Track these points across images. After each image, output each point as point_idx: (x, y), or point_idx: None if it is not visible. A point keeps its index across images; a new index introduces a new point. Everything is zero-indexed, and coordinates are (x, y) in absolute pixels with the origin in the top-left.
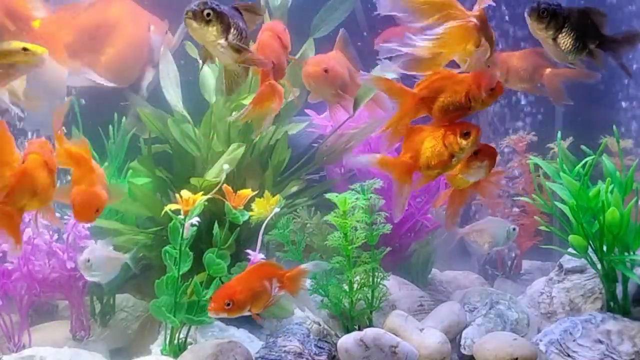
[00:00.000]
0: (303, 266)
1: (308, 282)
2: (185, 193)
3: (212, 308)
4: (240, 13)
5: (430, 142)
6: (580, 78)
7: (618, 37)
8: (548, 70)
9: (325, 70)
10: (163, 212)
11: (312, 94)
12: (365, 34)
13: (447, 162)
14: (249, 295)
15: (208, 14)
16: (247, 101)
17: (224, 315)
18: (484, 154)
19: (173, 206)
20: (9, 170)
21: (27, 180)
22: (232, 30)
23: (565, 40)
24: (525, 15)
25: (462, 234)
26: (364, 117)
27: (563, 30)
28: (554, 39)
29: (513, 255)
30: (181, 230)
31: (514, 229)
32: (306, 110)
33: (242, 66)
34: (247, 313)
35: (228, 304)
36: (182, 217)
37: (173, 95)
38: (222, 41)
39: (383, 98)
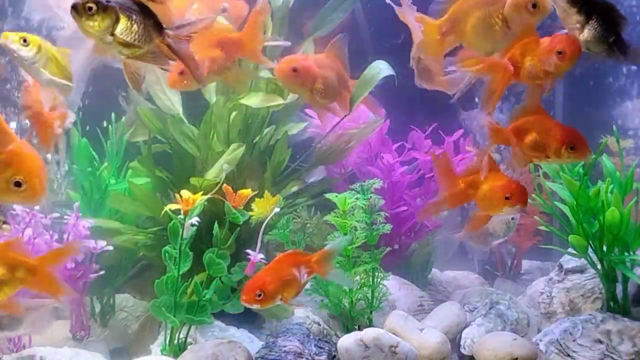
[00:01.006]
0: (328, 247)
1: (308, 282)
2: (185, 193)
3: (245, 300)
4: (142, 5)
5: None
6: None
7: (630, 44)
8: None
9: (294, 70)
10: (163, 212)
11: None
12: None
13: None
14: (279, 284)
15: (90, 8)
16: (245, 100)
17: (257, 306)
18: (516, 198)
19: (173, 206)
20: None
21: None
22: (121, 23)
23: (593, 28)
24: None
25: (461, 239)
26: (364, 117)
27: (593, 18)
28: (582, 26)
29: (513, 252)
30: (181, 230)
31: (512, 219)
32: (307, 111)
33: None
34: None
35: (259, 295)
36: (181, 217)
37: (165, 99)
38: (107, 36)
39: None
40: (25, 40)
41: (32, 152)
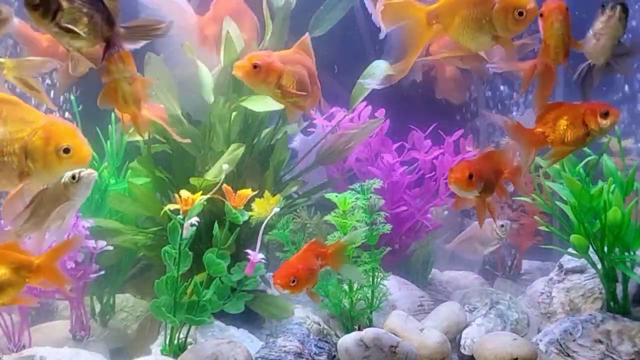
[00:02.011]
0: (343, 240)
1: None
2: (184, 193)
3: (279, 284)
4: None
5: (568, 119)
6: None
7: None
8: None
9: (255, 66)
10: (162, 212)
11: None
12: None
13: (582, 140)
14: (309, 273)
15: None
16: (246, 102)
17: (288, 291)
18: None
19: (172, 206)
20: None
21: None
22: (62, 10)
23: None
24: (607, 8)
25: (452, 248)
26: (364, 117)
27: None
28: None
29: (513, 252)
30: (180, 230)
31: (502, 226)
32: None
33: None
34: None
35: (293, 281)
36: (180, 217)
37: (164, 99)
38: (50, 24)
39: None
40: None
41: (62, 120)
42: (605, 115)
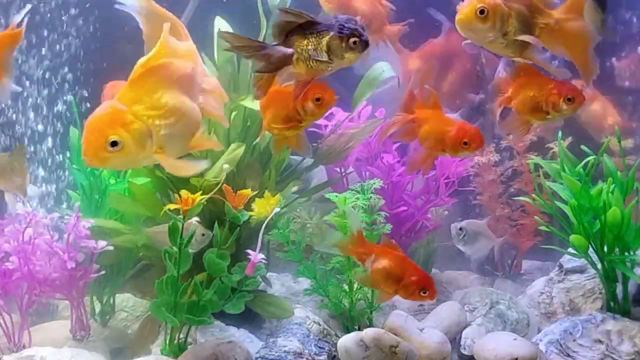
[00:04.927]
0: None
1: (308, 282)
2: (184, 193)
3: (431, 296)
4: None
5: (535, 90)
6: None
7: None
8: None
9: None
10: (163, 212)
11: None
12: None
13: (539, 116)
14: None
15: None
16: (245, 101)
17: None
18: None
19: (172, 206)
20: None
21: None
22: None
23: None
24: None
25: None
26: (364, 117)
27: None
28: None
29: (513, 252)
30: (181, 230)
31: (460, 229)
32: None
33: None
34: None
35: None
36: (181, 217)
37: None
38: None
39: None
40: None
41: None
42: (569, 100)
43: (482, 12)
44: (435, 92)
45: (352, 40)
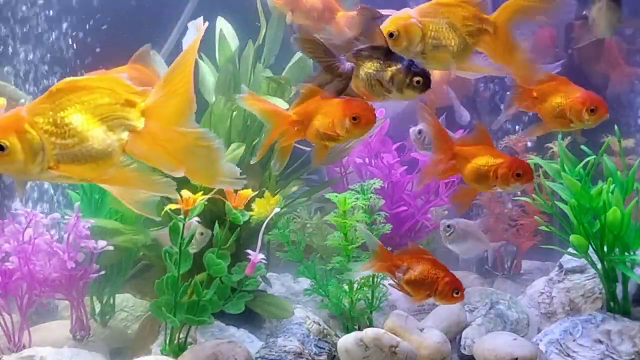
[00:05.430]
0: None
1: (308, 282)
2: (185, 193)
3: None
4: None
5: (562, 98)
6: None
7: None
8: None
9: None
10: (163, 212)
11: None
12: None
13: (563, 124)
14: None
15: None
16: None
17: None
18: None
19: (173, 206)
20: None
21: None
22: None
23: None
24: None
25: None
26: None
27: None
28: None
29: (513, 252)
30: (181, 230)
31: (448, 226)
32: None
33: None
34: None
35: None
36: (181, 216)
37: None
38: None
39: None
40: None
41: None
42: (591, 111)
43: (391, 35)
44: (485, 128)
45: (416, 78)
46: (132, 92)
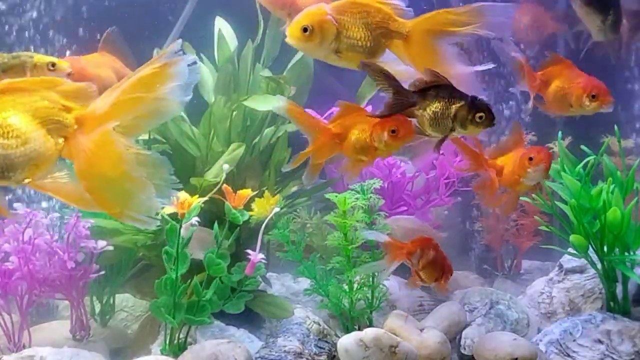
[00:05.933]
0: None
1: (308, 282)
2: (181, 195)
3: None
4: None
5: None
6: None
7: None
8: None
9: (69, 75)
10: (159, 215)
11: None
12: None
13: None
14: None
15: None
16: (247, 101)
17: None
18: (538, 158)
19: (168, 209)
20: None
21: None
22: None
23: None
24: None
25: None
26: None
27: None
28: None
29: (513, 252)
30: (179, 231)
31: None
32: (307, 110)
33: None
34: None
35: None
36: (178, 219)
37: None
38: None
39: None
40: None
41: None
42: (593, 97)
43: (305, 30)
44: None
45: (479, 115)
46: (70, 96)
